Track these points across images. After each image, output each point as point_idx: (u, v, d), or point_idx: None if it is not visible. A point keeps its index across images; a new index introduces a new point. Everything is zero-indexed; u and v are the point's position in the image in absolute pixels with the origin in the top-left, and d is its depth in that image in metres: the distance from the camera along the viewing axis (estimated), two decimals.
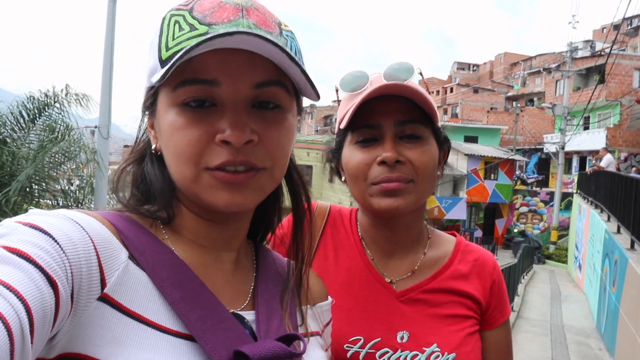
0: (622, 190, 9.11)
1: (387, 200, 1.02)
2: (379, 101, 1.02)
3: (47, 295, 0.50)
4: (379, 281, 1.10)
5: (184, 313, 0.63)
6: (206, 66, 0.64)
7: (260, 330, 0.70)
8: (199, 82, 0.64)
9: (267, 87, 0.67)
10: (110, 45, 8.45)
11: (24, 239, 0.53)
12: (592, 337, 9.58)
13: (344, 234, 1.17)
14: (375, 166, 1.03)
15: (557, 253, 20.96)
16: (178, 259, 0.67)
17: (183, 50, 0.60)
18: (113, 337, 0.57)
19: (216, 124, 0.65)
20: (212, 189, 0.66)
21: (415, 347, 1.04)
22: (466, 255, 1.16)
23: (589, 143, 25.71)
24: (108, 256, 0.60)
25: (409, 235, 1.14)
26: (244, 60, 0.65)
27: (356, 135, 1.06)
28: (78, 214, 0.61)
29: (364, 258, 1.13)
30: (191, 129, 0.64)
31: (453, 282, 1.11)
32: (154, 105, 0.70)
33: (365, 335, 1.04)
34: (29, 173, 7.55)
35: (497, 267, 1.18)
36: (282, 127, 0.69)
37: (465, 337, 1.07)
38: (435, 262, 1.14)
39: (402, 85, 1.00)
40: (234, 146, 0.64)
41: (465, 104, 46.70)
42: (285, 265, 0.84)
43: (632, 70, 27.97)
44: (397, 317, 1.07)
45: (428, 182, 1.06)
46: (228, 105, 0.65)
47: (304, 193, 0.83)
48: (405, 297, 1.09)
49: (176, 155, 0.66)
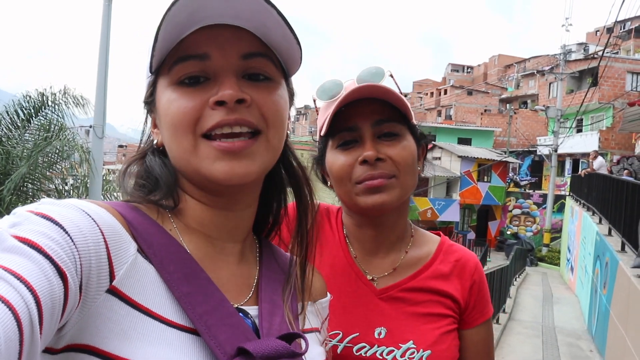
0: (614, 192, 9.17)
1: (373, 197, 1.07)
2: (355, 105, 1.07)
3: (56, 287, 0.51)
4: (360, 278, 1.14)
5: (191, 308, 0.64)
6: (196, 43, 0.68)
7: (263, 327, 0.71)
8: (191, 58, 0.68)
9: (255, 58, 0.70)
10: (105, 46, 8.43)
11: (35, 229, 0.53)
12: (583, 338, 9.65)
13: (329, 231, 1.21)
14: (357, 166, 1.07)
15: (550, 255, 21.07)
16: (185, 252, 0.69)
17: (163, 15, 0.64)
18: (121, 329, 0.58)
19: (210, 92, 0.68)
20: (211, 159, 0.68)
21: (392, 343, 1.07)
22: (448, 256, 1.19)
23: (582, 146, 25.87)
24: (117, 249, 0.61)
25: (392, 233, 1.17)
26: (231, 34, 0.69)
27: (337, 140, 1.11)
28: (89, 204, 0.62)
29: (347, 255, 1.16)
30: (186, 98, 0.68)
31: (433, 281, 1.14)
32: (154, 95, 0.73)
33: (343, 330, 1.08)
34: (23, 172, 7.52)
35: (478, 267, 1.21)
36: (274, 94, 0.72)
37: (441, 335, 1.10)
38: (416, 262, 1.17)
39: (374, 85, 1.05)
40: (228, 106, 0.67)
41: (459, 106, 46.84)
42: (287, 261, 0.85)
43: (625, 73, 28.20)
44: (375, 313, 1.11)
45: (409, 176, 1.10)
46: (220, 73, 0.68)
47: (306, 183, 0.85)
48: (385, 295, 1.12)
49: (173, 126, 0.68)
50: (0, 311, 0.44)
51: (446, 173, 24.86)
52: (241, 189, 0.73)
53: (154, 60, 0.68)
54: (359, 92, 1.05)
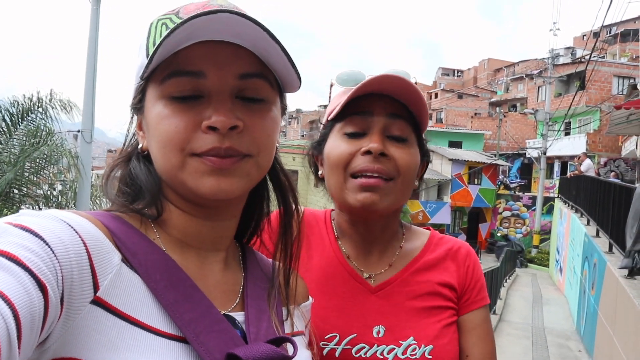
0: (601, 194, 9.26)
1: (364, 194, 1.02)
2: (372, 97, 1.04)
3: (36, 300, 0.49)
4: (354, 277, 1.10)
5: (178, 315, 0.63)
6: (192, 58, 0.66)
7: (250, 332, 0.71)
8: (185, 74, 0.66)
9: (252, 79, 0.69)
10: (93, 49, 8.39)
11: (14, 242, 0.52)
12: (572, 339, 9.72)
13: (318, 234, 1.17)
14: (358, 156, 1.03)
15: (539, 257, 21.21)
16: (170, 260, 0.68)
17: (164, 35, 0.62)
18: (108, 340, 0.57)
19: (202, 113, 0.66)
20: (198, 174, 0.66)
21: (392, 341, 1.04)
22: (439, 246, 1.17)
23: (570, 148, 26.10)
24: (101, 259, 0.60)
25: (384, 233, 1.14)
26: (229, 52, 0.67)
27: (344, 125, 1.06)
28: (70, 215, 0.61)
29: (339, 255, 1.13)
30: (178, 117, 0.66)
31: (427, 271, 1.12)
32: (142, 102, 0.71)
33: (340, 332, 1.04)
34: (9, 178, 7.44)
35: (471, 253, 1.18)
36: (267, 117, 0.71)
37: (442, 329, 1.06)
38: (409, 255, 1.15)
39: (401, 78, 1.00)
40: (220, 132, 0.65)
41: (450, 109, 47.11)
42: (270, 266, 0.85)
43: (611, 77, 28.51)
44: (372, 312, 1.07)
45: (407, 184, 1.06)
46: (214, 94, 0.67)
47: (292, 193, 0.85)
48: (381, 291, 1.09)
49: (162, 144, 0.67)
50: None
51: (437, 176, 24.97)
52: (227, 202, 0.72)
53: (148, 69, 0.66)
54: (387, 79, 1.00)
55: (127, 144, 0.78)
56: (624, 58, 35.71)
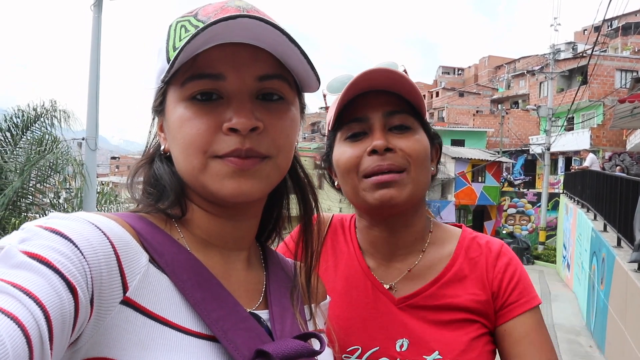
0: (607, 189, 9.23)
1: (380, 191, 1.00)
2: (366, 96, 1.02)
3: (66, 301, 0.51)
4: (378, 288, 1.07)
5: (206, 314, 0.64)
6: (212, 61, 0.67)
7: (276, 329, 0.72)
8: (206, 77, 0.67)
9: (271, 80, 0.70)
10: (96, 57, 8.42)
11: (44, 244, 0.53)
12: (582, 334, 9.67)
13: (344, 242, 1.15)
14: (366, 157, 1.01)
15: (546, 253, 21.12)
16: (195, 260, 0.69)
17: (186, 39, 0.63)
18: (138, 340, 0.58)
19: (223, 115, 0.67)
20: (219, 176, 0.68)
21: (416, 356, 1.00)
22: (470, 252, 1.09)
23: (574, 143, 26.04)
24: (129, 260, 0.61)
25: (408, 235, 1.09)
26: (248, 54, 0.68)
27: (345, 131, 1.05)
28: (99, 217, 0.62)
29: (363, 265, 1.10)
30: (199, 119, 0.67)
31: (456, 284, 1.05)
32: (163, 105, 0.73)
33: (363, 345, 1.02)
34: (17, 186, 7.48)
35: (503, 254, 1.08)
36: (286, 117, 0.72)
37: (470, 342, 1.00)
38: (436, 264, 1.08)
39: (388, 70, 0.99)
40: (241, 134, 0.67)
41: (451, 108, 47.07)
42: (290, 266, 0.87)
43: (614, 71, 28.43)
44: (396, 324, 1.03)
45: (422, 171, 1.03)
46: (234, 96, 0.68)
47: (312, 192, 0.86)
48: (405, 304, 1.05)
49: (185, 146, 0.68)
50: (9, 328, 0.44)
51: (440, 175, 24.75)
52: (248, 203, 0.73)
53: (169, 73, 0.67)
54: (373, 75, 0.99)
55: (149, 145, 0.79)
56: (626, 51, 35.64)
